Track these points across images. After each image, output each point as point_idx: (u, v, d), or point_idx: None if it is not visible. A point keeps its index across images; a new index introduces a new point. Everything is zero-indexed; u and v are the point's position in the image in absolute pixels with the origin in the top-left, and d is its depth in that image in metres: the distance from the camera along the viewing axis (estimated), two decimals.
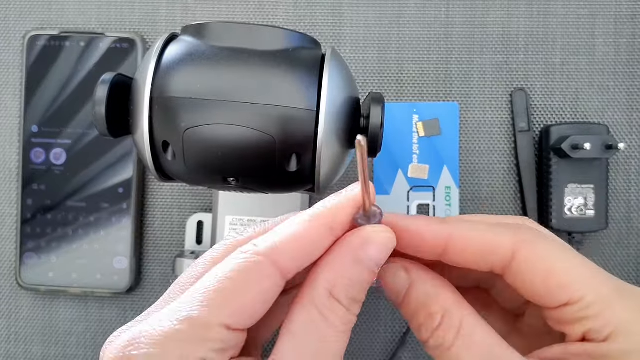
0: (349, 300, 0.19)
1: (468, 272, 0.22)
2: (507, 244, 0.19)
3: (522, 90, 0.38)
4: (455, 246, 0.20)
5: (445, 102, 0.38)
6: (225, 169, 0.24)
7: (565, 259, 0.19)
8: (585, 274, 0.19)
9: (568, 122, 0.38)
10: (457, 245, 0.20)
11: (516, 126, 0.38)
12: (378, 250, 0.19)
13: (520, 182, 0.38)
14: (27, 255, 0.37)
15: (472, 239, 0.20)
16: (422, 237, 0.20)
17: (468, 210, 0.38)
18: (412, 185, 0.38)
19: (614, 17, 0.38)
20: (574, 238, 0.37)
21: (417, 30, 0.39)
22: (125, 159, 0.38)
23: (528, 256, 0.19)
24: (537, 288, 0.19)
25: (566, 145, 0.35)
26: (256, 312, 0.18)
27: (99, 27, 0.39)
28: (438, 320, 0.19)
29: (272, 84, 0.23)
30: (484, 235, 0.20)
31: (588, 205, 0.36)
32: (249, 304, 0.18)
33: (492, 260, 0.20)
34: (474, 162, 0.38)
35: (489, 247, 0.20)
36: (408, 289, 0.21)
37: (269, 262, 0.18)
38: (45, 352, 0.38)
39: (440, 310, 0.20)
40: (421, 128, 0.38)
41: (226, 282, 0.18)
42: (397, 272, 0.21)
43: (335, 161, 0.25)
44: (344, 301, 0.18)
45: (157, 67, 0.24)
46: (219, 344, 0.17)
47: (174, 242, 0.39)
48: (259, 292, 0.18)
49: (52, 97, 0.38)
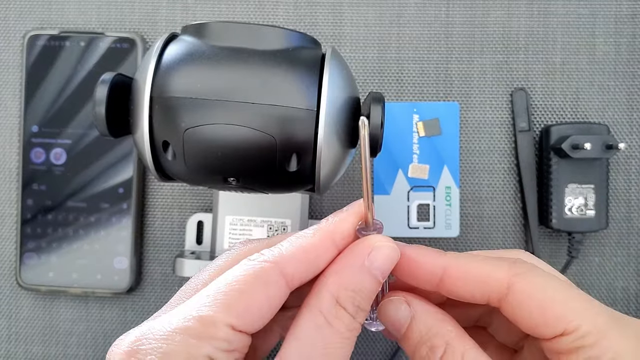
0: (354, 308, 0.19)
1: (466, 309, 0.22)
2: (504, 275, 0.20)
3: (522, 90, 0.38)
4: (451, 275, 0.20)
5: (445, 102, 0.38)
6: (225, 169, 0.24)
7: (561, 291, 0.20)
8: (580, 304, 0.19)
9: (568, 122, 0.38)
10: (454, 275, 0.20)
11: (516, 126, 0.38)
12: (383, 259, 0.20)
13: (521, 182, 0.38)
14: (28, 255, 0.37)
15: (468, 269, 0.20)
16: (420, 264, 0.21)
17: (468, 210, 0.38)
18: (412, 185, 0.38)
19: (614, 16, 0.38)
20: (574, 238, 0.37)
21: (417, 30, 0.39)
22: (125, 159, 0.38)
23: (524, 288, 0.20)
24: (533, 319, 0.19)
25: (566, 145, 0.35)
26: (261, 316, 0.18)
27: (99, 27, 0.39)
28: (440, 353, 0.20)
29: (272, 84, 0.23)
30: (481, 265, 0.20)
31: (588, 205, 0.36)
32: (255, 307, 0.18)
33: (489, 291, 0.20)
34: (474, 162, 0.38)
35: (485, 278, 0.20)
36: (410, 322, 0.21)
37: (276, 269, 0.19)
38: (46, 352, 0.38)
39: (442, 343, 0.20)
40: (421, 128, 0.38)
41: (234, 285, 0.18)
42: (399, 305, 0.21)
43: (335, 161, 0.25)
44: (350, 309, 0.19)
45: (157, 66, 0.24)
46: (224, 344, 0.18)
47: (174, 242, 0.39)
48: (265, 296, 0.18)
49: (52, 97, 0.38)
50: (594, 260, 0.38)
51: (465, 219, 0.38)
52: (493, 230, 0.38)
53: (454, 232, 0.38)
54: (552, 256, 0.38)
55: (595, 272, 0.38)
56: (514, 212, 0.38)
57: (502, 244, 0.38)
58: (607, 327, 0.19)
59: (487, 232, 0.38)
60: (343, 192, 0.38)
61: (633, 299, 0.38)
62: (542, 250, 0.38)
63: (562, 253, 0.38)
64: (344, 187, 0.38)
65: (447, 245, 0.38)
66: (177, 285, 0.38)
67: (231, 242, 0.35)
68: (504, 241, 0.38)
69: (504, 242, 0.38)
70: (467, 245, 0.38)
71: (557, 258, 0.38)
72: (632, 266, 0.38)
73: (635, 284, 0.38)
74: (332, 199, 0.38)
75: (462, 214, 0.38)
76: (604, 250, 0.38)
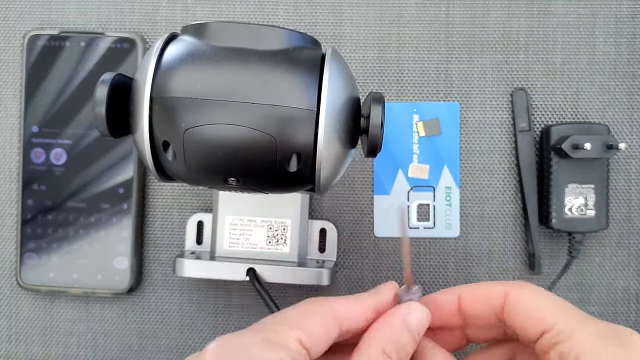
0: (397, 358, 0.23)
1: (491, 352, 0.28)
2: (501, 287, 0.25)
3: (522, 90, 0.38)
4: (464, 299, 0.26)
5: (445, 102, 0.38)
6: (225, 169, 0.24)
7: (545, 299, 0.24)
8: (559, 309, 0.24)
9: (568, 122, 0.38)
10: (466, 298, 0.26)
11: (517, 126, 0.38)
12: (419, 318, 0.24)
13: (521, 182, 0.38)
14: (28, 255, 0.37)
15: (476, 290, 0.26)
16: (438, 303, 0.26)
17: (469, 210, 0.38)
18: (413, 185, 0.38)
19: (615, 16, 0.38)
20: (574, 238, 0.36)
21: (417, 30, 0.39)
22: (125, 159, 0.38)
23: (516, 296, 0.25)
24: (523, 321, 0.24)
25: (566, 145, 0.35)
26: (319, 341, 0.23)
27: (99, 27, 0.39)
28: None
29: (273, 84, 0.23)
30: (485, 286, 0.26)
31: (588, 205, 0.36)
32: (315, 330, 0.23)
33: (492, 303, 0.25)
34: (474, 162, 0.38)
35: (488, 292, 0.25)
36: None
37: (333, 312, 0.24)
38: (46, 352, 0.38)
39: None
40: (421, 128, 0.38)
41: (302, 314, 0.24)
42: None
43: (335, 161, 0.25)
44: (394, 358, 0.23)
45: (157, 66, 0.24)
46: (292, 354, 0.22)
47: (174, 242, 0.39)
48: (322, 326, 0.23)
49: (52, 97, 0.38)
50: (594, 260, 0.38)
51: (466, 219, 0.38)
52: (493, 230, 0.38)
53: (454, 232, 0.38)
54: (552, 256, 0.38)
55: (596, 272, 0.38)
56: (514, 212, 0.38)
57: (502, 244, 0.38)
58: (578, 325, 0.23)
59: (487, 232, 0.38)
60: (343, 192, 0.38)
61: (633, 298, 0.38)
62: (543, 250, 0.38)
63: (562, 253, 0.38)
64: (344, 187, 0.38)
65: (447, 245, 0.38)
66: (178, 285, 0.38)
67: (231, 242, 0.35)
68: (504, 241, 0.38)
69: (504, 242, 0.38)
70: (467, 245, 0.38)
71: (557, 258, 0.38)
72: (633, 266, 0.38)
73: (636, 284, 0.38)
74: (332, 199, 0.38)
75: (462, 214, 0.38)
76: (604, 250, 0.38)
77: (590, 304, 0.38)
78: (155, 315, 0.38)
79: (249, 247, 0.35)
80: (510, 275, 0.38)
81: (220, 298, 0.38)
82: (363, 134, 0.25)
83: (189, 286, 0.38)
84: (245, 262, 0.34)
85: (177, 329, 0.38)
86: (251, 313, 0.38)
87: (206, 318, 0.38)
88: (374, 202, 0.38)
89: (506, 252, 0.38)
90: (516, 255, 0.38)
